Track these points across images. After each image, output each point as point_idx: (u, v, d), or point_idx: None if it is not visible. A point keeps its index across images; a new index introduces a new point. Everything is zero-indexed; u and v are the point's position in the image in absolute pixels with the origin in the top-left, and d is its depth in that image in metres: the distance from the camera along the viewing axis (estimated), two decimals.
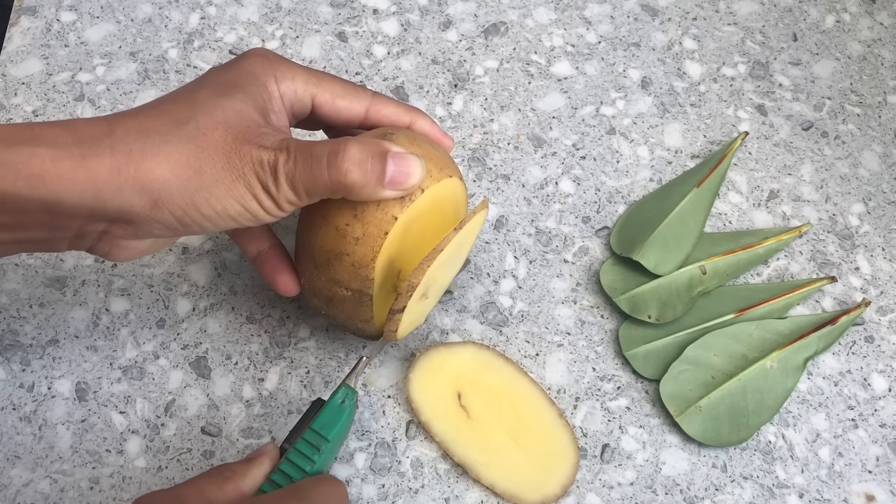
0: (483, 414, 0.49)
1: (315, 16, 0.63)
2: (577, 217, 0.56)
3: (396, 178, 0.40)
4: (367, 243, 0.42)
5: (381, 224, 0.41)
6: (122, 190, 0.37)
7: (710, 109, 0.61)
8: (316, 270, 0.44)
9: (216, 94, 0.40)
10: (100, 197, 0.37)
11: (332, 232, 0.42)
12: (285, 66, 0.43)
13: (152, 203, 0.38)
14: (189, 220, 0.39)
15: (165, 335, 0.52)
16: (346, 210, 0.42)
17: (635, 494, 0.48)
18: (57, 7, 0.62)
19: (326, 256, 0.43)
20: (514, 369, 0.50)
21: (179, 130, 0.39)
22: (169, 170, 0.38)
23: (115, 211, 0.38)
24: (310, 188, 0.39)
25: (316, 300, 0.46)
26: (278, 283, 0.47)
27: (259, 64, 0.43)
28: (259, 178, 0.39)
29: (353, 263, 0.42)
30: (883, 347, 0.53)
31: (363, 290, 0.43)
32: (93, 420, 0.49)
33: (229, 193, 0.39)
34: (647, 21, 0.64)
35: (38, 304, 0.52)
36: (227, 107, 0.40)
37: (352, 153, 0.39)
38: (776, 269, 0.55)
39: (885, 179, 0.59)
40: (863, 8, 0.66)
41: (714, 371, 0.50)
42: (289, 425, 0.49)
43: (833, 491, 0.49)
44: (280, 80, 0.43)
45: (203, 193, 0.38)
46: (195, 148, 0.38)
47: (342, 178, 0.39)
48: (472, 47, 0.62)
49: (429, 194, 0.43)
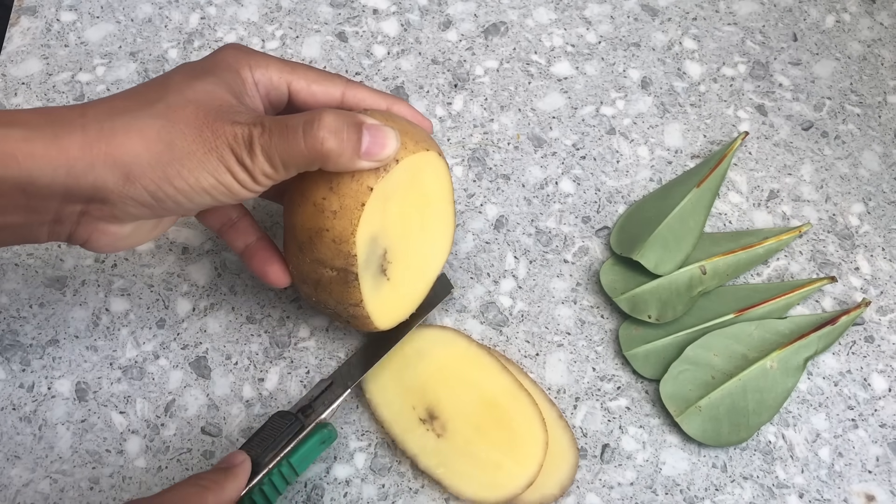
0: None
1: (315, 16, 0.63)
2: (577, 217, 0.56)
3: (371, 148, 0.41)
4: (345, 216, 0.42)
5: (356, 195, 0.42)
6: (94, 166, 0.38)
7: (710, 109, 0.61)
8: (301, 253, 0.44)
9: (188, 78, 0.41)
10: (73, 174, 0.37)
11: (310, 208, 0.43)
12: (259, 56, 0.44)
13: (124, 177, 0.38)
14: (163, 195, 0.39)
15: (165, 335, 0.52)
16: (322, 184, 0.42)
17: (635, 494, 0.48)
18: (57, 7, 0.62)
19: (308, 235, 0.43)
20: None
21: (150, 108, 0.39)
22: (140, 143, 0.38)
23: (89, 188, 0.38)
24: (286, 159, 0.40)
25: (305, 286, 0.46)
26: (269, 274, 0.47)
27: (232, 54, 0.43)
28: (233, 151, 0.39)
29: (333, 239, 0.42)
30: (883, 347, 0.53)
31: (347, 269, 0.43)
32: (93, 420, 0.49)
33: (202, 166, 0.39)
34: (647, 21, 0.64)
35: (38, 304, 0.52)
36: (198, 88, 0.41)
37: (327, 121, 0.39)
38: (776, 269, 0.55)
39: (885, 179, 0.59)
40: (863, 8, 0.66)
41: (714, 371, 0.50)
42: None
43: (833, 491, 0.49)
44: (254, 69, 0.43)
45: (175, 166, 0.39)
46: (165, 122, 0.39)
47: (318, 145, 0.39)
48: (472, 47, 0.62)
49: (405, 167, 0.43)
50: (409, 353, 0.50)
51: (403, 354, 0.50)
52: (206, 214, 0.48)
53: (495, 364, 0.49)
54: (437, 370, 0.49)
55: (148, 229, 0.44)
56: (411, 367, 0.49)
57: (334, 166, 0.40)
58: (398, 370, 0.49)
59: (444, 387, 0.49)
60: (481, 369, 0.49)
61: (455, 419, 0.48)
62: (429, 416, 0.48)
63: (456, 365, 0.49)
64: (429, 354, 0.50)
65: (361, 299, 0.45)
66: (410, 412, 0.48)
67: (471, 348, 0.50)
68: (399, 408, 0.48)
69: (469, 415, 0.48)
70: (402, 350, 0.50)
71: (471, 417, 0.48)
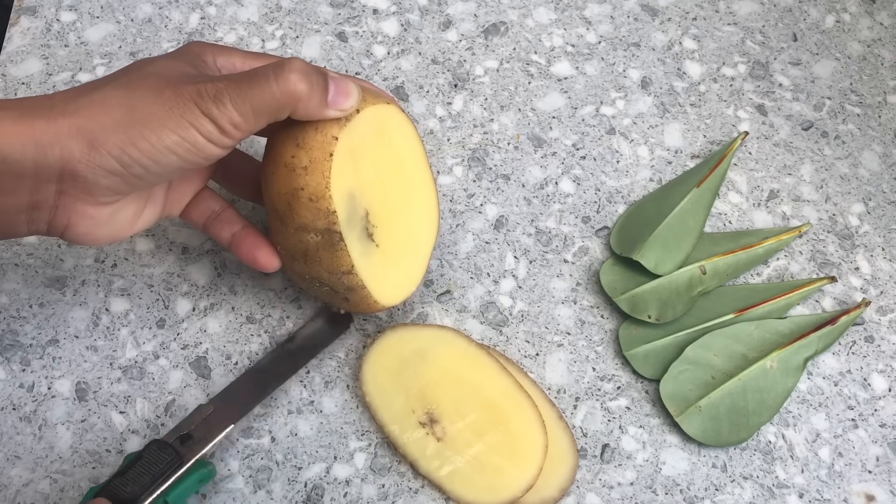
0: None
1: (315, 16, 0.63)
2: (577, 217, 0.56)
3: (336, 98, 0.42)
4: (317, 169, 0.43)
5: (323, 146, 0.43)
6: (59, 137, 0.39)
7: (710, 109, 0.61)
8: (283, 226, 0.45)
9: (151, 59, 0.43)
10: (40, 147, 0.38)
11: (282, 170, 0.43)
12: (222, 47, 0.45)
13: (89, 145, 0.39)
14: (128, 159, 0.39)
15: (165, 335, 0.52)
16: (290, 143, 0.43)
17: (635, 494, 0.48)
18: (57, 7, 0.62)
19: (286, 200, 0.44)
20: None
21: (113, 82, 0.41)
22: (101, 111, 0.39)
23: (57, 160, 0.39)
24: (257, 105, 0.40)
25: (296, 265, 0.46)
26: (259, 259, 0.47)
27: (196, 44, 0.45)
28: (198, 105, 0.40)
29: (309, 197, 0.43)
30: (883, 347, 0.53)
31: (330, 228, 0.44)
32: (93, 420, 0.49)
33: (163, 124, 0.39)
34: (647, 21, 0.64)
35: (38, 304, 0.52)
36: (160, 63, 0.42)
37: (296, 65, 0.41)
38: (776, 269, 0.55)
39: (885, 179, 0.59)
40: (863, 8, 0.66)
41: (714, 371, 0.50)
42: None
43: (833, 491, 0.49)
44: (217, 56, 0.45)
45: (137, 127, 0.39)
46: (127, 91, 0.40)
47: (290, 87, 0.40)
48: (472, 47, 0.62)
49: (367, 118, 0.44)
50: (409, 353, 0.50)
51: (402, 355, 0.50)
52: (190, 210, 0.49)
53: (495, 365, 0.49)
54: (437, 371, 0.49)
55: (130, 216, 0.44)
56: (411, 367, 0.49)
57: (304, 111, 0.41)
58: (397, 370, 0.49)
59: (444, 389, 0.49)
60: (481, 370, 0.49)
61: (455, 422, 0.48)
62: (429, 420, 0.48)
63: (456, 366, 0.49)
64: (429, 354, 0.50)
65: (352, 265, 0.45)
66: (410, 416, 0.48)
67: (471, 348, 0.50)
68: (398, 410, 0.48)
69: (469, 418, 0.48)
70: (402, 350, 0.50)
71: (470, 420, 0.48)
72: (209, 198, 0.49)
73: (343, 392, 0.50)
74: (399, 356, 0.50)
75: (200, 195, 0.49)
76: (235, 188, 0.51)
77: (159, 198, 0.46)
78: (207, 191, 0.49)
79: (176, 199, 0.48)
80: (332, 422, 0.49)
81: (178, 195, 0.48)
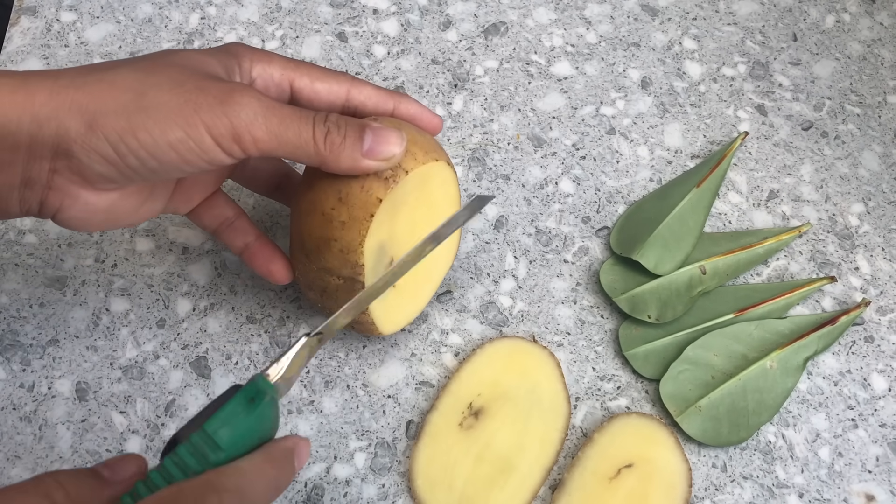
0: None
1: (315, 16, 0.63)
2: (577, 217, 0.56)
3: (374, 147, 0.40)
4: (354, 227, 0.42)
5: (365, 206, 0.42)
6: (58, 111, 0.36)
7: (710, 109, 0.61)
8: (307, 260, 0.44)
9: (181, 51, 0.40)
10: (37, 120, 0.36)
11: (318, 217, 0.43)
12: (263, 53, 0.43)
13: (87, 125, 0.36)
14: (125, 149, 0.37)
15: (165, 335, 0.52)
16: (332, 194, 0.42)
17: None
18: (57, 7, 0.62)
19: (316, 243, 0.43)
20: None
21: (132, 64, 0.38)
22: (107, 90, 0.37)
23: (52, 136, 0.37)
24: (285, 135, 0.39)
25: (311, 293, 0.46)
26: (273, 271, 0.47)
27: (236, 46, 0.43)
28: (224, 102, 0.37)
29: (341, 249, 0.42)
30: (883, 347, 0.53)
31: (354, 278, 0.43)
32: (93, 420, 0.49)
33: (170, 118, 0.37)
34: (647, 21, 0.64)
35: (38, 304, 0.52)
36: (190, 56, 0.40)
37: (333, 117, 0.40)
38: (776, 269, 0.55)
39: (885, 179, 0.59)
40: (863, 8, 0.66)
41: (714, 371, 0.51)
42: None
43: (833, 491, 0.49)
44: (255, 62, 0.43)
45: (141, 116, 0.36)
46: (143, 75, 0.38)
47: (320, 133, 0.39)
48: (472, 47, 0.62)
49: (414, 177, 0.43)
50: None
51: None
52: (202, 214, 0.47)
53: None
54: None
55: (127, 208, 0.41)
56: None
57: (335, 163, 0.40)
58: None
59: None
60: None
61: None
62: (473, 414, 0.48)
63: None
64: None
65: (367, 307, 0.45)
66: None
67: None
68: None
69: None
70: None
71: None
72: (223, 203, 0.47)
73: (343, 392, 0.50)
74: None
75: (213, 200, 0.47)
76: (250, 185, 0.50)
77: (162, 194, 0.44)
78: (221, 195, 0.47)
79: (183, 199, 0.46)
80: (332, 422, 0.49)
81: (187, 195, 0.46)
